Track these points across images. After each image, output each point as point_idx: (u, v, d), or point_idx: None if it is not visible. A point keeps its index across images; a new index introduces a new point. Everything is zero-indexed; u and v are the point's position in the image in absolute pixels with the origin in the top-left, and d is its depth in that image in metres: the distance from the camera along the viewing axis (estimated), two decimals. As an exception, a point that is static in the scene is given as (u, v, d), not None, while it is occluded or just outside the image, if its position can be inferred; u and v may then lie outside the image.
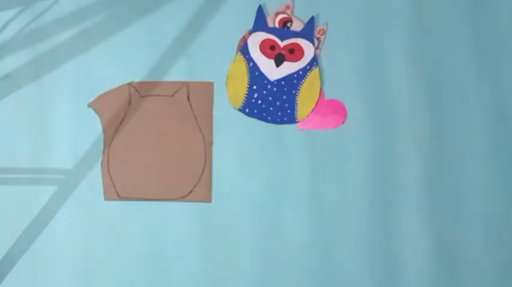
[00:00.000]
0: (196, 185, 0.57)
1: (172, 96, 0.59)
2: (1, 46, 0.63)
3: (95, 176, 0.60)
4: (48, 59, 0.63)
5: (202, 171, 0.58)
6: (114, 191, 0.58)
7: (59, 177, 0.61)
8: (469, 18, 0.65)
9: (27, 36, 0.63)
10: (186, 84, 0.60)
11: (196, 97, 0.60)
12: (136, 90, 0.59)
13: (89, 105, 0.58)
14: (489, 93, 0.64)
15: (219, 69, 0.63)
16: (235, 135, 0.62)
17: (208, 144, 0.59)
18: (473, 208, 0.62)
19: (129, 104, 0.59)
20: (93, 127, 0.58)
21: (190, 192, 0.57)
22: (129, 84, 0.59)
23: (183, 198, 0.57)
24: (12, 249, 0.59)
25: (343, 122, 0.63)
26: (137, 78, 0.62)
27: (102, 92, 0.60)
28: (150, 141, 0.58)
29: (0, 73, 0.63)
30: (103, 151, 0.58)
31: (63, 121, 0.62)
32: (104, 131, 0.58)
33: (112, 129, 0.58)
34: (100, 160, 0.59)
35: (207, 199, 0.57)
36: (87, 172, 0.60)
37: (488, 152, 0.63)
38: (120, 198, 0.58)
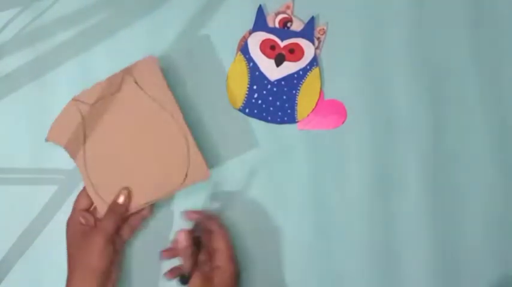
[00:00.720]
0: (189, 167, 0.55)
1: (120, 90, 0.55)
2: (1, 46, 0.63)
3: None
4: (48, 59, 0.63)
5: (188, 149, 0.55)
6: (91, 186, 0.56)
7: (59, 177, 0.61)
8: (470, 19, 0.65)
9: (27, 36, 0.63)
10: (127, 71, 0.56)
11: (143, 77, 0.56)
12: (83, 102, 0.56)
13: (47, 140, 0.56)
14: (490, 94, 0.64)
15: (219, 69, 0.63)
16: (234, 135, 0.62)
17: (178, 119, 0.55)
18: (474, 208, 0.62)
19: (82, 119, 0.56)
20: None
21: (186, 176, 0.55)
22: (73, 100, 0.56)
23: (181, 185, 0.55)
24: (12, 249, 0.59)
25: (343, 122, 0.63)
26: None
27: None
28: (122, 145, 0.55)
29: (0, 73, 0.63)
30: (82, 178, 0.55)
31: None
32: (73, 158, 0.56)
33: (80, 152, 0.55)
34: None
35: (205, 175, 0.55)
36: (87, 172, 0.60)
37: (488, 152, 0.63)
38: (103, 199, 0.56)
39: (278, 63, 0.63)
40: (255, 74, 0.63)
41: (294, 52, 0.63)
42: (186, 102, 0.62)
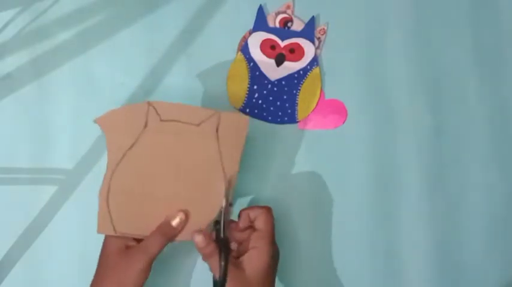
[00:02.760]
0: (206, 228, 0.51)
1: (198, 125, 0.51)
2: (1, 46, 0.63)
3: (96, 176, 0.60)
4: (48, 59, 0.63)
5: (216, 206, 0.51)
6: (110, 224, 0.50)
7: (59, 177, 0.61)
8: (470, 19, 0.65)
9: (27, 36, 0.63)
10: (218, 114, 0.51)
11: (227, 131, 0.51)
12: (157, 112, 0.51)
13: (96, 121, 0.51)
14: (490, 94, 0.64)
15: (219, 69, 0.63)
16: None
17: (229, 186, 0.51)
18: (475, 208, 0.62)
19: (145, 127, 0.51)
20: (94, 127, 0.57)
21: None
22: (148, 103, 0.51)
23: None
24: (12, 249, 0.59)
25: (343, 122, 0.63)
26: (137, 77, 0.62)
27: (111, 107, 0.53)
28: (162, 174, 0.51)
29: (0, 73, 0.63)
30: (104, 177, 0.51)
31: (63, 121, 0.62)
32: (108, 153, 0.51)
33: (118, 153, 0.50)
34: (97, 163, 0.55)
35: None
36: (87, 172, 0.60)
37: (489, 153, 0.63)
38: (117, 233, 0.50)
39: (278, 63, 0.63)
40: (256, 74, 0.63)
41: (295, 52, 0.63)
42: (186, 103, 0.62)
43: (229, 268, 0.48)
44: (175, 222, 0.50)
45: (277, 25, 0.64)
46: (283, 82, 0.63)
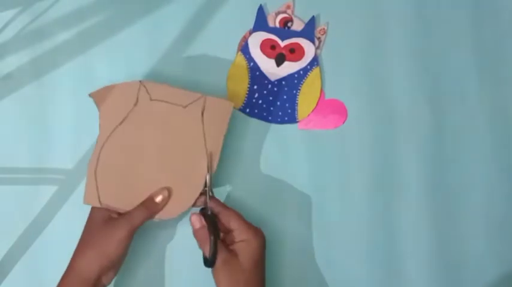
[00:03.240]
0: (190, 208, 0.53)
1: (185, 107, 0.53)
2: (1, 46, 0.63)
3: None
4: (48, 59, 0.63)
5: (198, 196, 0.53)
6: (96, 196, 0.53)
7: (59, 177, 0.61)
8: (471, 19, 0.65)
9: (27, 36, 0.63)
10: (204, 98, 0.53)
11: (211, 115, 0.54)
12: (147, 91, 0.53)
13: (90, 95, 0.54)
14: (490, 94, 0.64)
15: (219, 69, 0.63)
16: (235, 135, 0.62)
17: (210, 170, 0.53)
18: (475, 208, 0.62)
19: (135, 104, 0.53)
20: (94, 127, 0.57)
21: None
22: (140, 82, 0.53)
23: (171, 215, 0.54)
24: (13, 249, 0.59)
25: (344, 122, 0.63)
26: (137, 77, 0.62)
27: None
28: (149, 151, 0.53)
29: (0, 73, 0.63)
30: (94, 149, 0.53)
31: (63, 121, 0.62)
32: (99, 126, 0.53)
33: (109, 127, 0.53)
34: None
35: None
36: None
37: (490, 152, 0.63)
38: (102, 204, 0.53)
39: (278, 63, 0.63)
40: (256, 74, 0.63)
41: (295, 52, 0.63)
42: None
43: (223, 252, 0.51)
44: (158, 198, 0.53)
45: (278, 25, 0.64)
46: (283, 82, 0.63)
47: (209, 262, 0.51)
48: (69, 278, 0.50)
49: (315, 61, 0.63)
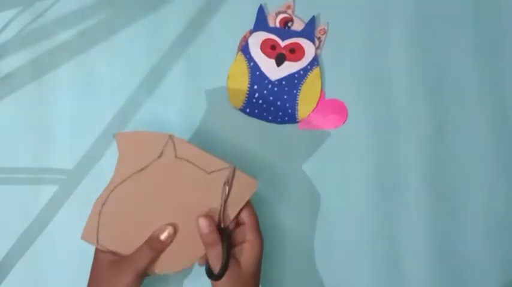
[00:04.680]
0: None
1: (209, 173, 0.51)
2: (1, 46, 0.63)
3: (96, 176, 0.60)
4: (48, 59, 0.63)
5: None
6: (95, 235, 0.50)
7: (59, 177, 0.61)
8: (471, 19, 0.65)
9: (27, 36, 0.63)
10: (231, 169, 0.51)
11: (234, 188, 0.51)
12: (175, 147, 0.51)
13: (115, 136, 0.51)
14: (491, 94, 0.64)
15: (220, 69, 0.63)
16: (235, 135, 0.62)
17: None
18: (475, 208, 0.62)
19: (159, 157, 0.51)
20: (94, 127, 0.58)
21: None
22: (170, 136, 0.51)
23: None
24: (12, 249, 0.59)
25: (344, 122, 0.63)
26: (137, 77, 0.62)
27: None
28: (160, 206, 0.51)
29: (0, 73, 0.62)
30: (105, 188, 0.51)
31: (64, 121, 0.62)
32: (116, 169, 0.51)
33: (126, 172, 0.51)
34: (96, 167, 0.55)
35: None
36: (87, 172, 0.60)
37: (490, 152, 0.63)
38: (98, 245, 0.51)
39: (279, 63, 0.63)
40: (256, 73, 0.63)
41: (295, 52, 0.63)
42: (186, 103, 0.62)
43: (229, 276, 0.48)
44: (163, 236, 0.50)
45: (278, 25, 0.64)
46: (284, 82, 0.63)
47: (215, 275, 0.48)
48: None
49: (315, 61, 0.63)
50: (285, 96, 0.63)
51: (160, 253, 0.50)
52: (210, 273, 0.49)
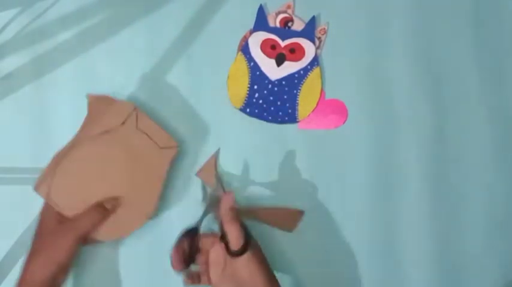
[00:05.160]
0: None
1: (160, 148, 0.56)
2: (1, 46, 0.63)
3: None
4: (48, 59, 0.63)
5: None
6: (47, 188, 0.54)
7: (59, 177, 0.61)
8: (471, 19, 0.65)
9: (27, 36, 0.63)
10: (175, 150, 0.57)
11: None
12: (137, 119, 0.56)
13: (88, 96, 0.57)
14: (491, 94, 0.64)
15: (220, 69, 0.63)
16: (235, 135, 0.62)
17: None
18: (475, 208, 0.62)
19: (122, 124, 0.56)
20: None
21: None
22: (135, 108, 0.56)
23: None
24: (13, 249, 0.59)
25: (344, 122, 0.63)
26: (137, 78, 0.62)
27: (104, 93, 0.58)
28: (111, 169, 0.55)
29: (0, 73, 0.62)
30: (67, 144, 0.55)
31: (63, 121, 0.61)
32: (81, 127, 0.56)
33: (90, 131, 0.55)
34: None
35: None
36: (87, 172, 0.60)
37: (490, 153, 0.63)
38: (48, 198, 0.54)
39: (279, 63, 0.63)
40: (256, 73, 0.63)
41: (295, 52, 0.63)
42: (186, 103, 0.62)
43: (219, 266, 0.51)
44: (109, 205, 0.54)
45: (278, 25, 0.64)
46: (284, 82, 0.63)
47: (236, 251, 0.50)
48: (22, 282, 0.51)
49: (315, 61, 0.63)
50: (285, 96, 0.63)
51: (102, 221, 0.54)
52: (229, 251, 0.51)
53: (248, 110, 0.62)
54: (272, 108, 0.62)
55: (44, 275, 0.50)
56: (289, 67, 0.63)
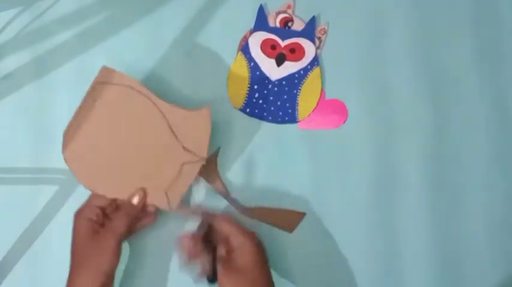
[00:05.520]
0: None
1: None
2: (1, 46, 0.63)
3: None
4: (48, 59, 0.63)
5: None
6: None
7: (59, 177, 0.61)
8: (471, 18, 0.65)
9: (27, 36, 0.63)
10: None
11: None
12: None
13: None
14: (490, 94, 0.64)
15: (220, 69, 0.63)
16: (235, 135, 0.62)
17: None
18: (475, 208, 0.62)
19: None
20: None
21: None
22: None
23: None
24: (13, 249, 0.59)
25: (344, 122, 0.63)
26: (137, 77, 0.62)
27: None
28: (130, 143, 0.55)
29: (0, 73, 0.62)
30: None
31: (64, 121, 0.61)
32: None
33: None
34: None
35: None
36: (87, 172, 0.60)
37: (490, 153, 0.63)
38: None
39: (279, 63, 0.63)
40: (256, 73, 0.63)
41: (295, 52, 0.63)
42: (186, 103, 0.62)
43: (224, 264, 0.51)
44: (135, 200, 0.54)
45: (278, 25, 0.64)
46: (284, 82, 0.63)
47: (211, 280, 0.52)
48: None
49: (315, 61, 0.63)
50: (285, 96, 0.63)
51: (135, 215, 0.54)
52: (209, 282, 0.53)
53: (248, 110, 0.62)
54: (272, 108, 0.62)
55: None
56: (289, 67, 0.63)
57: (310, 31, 0.63)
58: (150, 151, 0.55)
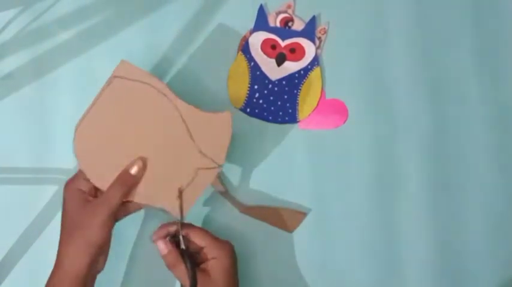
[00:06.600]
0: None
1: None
2: (1, 46, 0.63)
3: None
4: (48, 59, 0.63)
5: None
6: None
7: (59, 177, 0.61)
8: (471, 19, 0.65)
9: (27, 36, 0.63)
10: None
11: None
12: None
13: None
14: (491, 94, 0.64)
15: (220, 69, 0.63)
16: (235, 135, 0.62)
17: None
18: (475, 208, 0.62)
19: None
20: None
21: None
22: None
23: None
24: (13, 249, 0.59)
25: (344, 122, 0.63)
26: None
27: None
28: (139, 137, 0.52)
29: (0, 73, 0.62)
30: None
31: (64, 121, 0.62)
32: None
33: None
34: None
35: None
36: (87, 172, 0.60)
37: (490, 153, 0.63)
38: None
39: (279, 62, 0.63)
40: (256, 73, 0.63)
41: (295, 52, 0.63)
42: (187, 103, 0.62)
43: (197, 275, 0.49)
44: (133, 170, 0.51)
45: (278, 25, 0.64)
46: (284, 82, 0.63)
47: None
48: (60, 275, 0.48)
49: (315, 61, 0.63)
50: (285, 96, 0.63)
51: (132, 188, 0.51)
52: None
53: (248, 110, 0.62)
54: (272, 108, 0.62)
55: (82, 263, 0.47)
56: (290, 67, 0.63)
57: (310, 31, 0.63)
58: (165, 151, 0.52)
